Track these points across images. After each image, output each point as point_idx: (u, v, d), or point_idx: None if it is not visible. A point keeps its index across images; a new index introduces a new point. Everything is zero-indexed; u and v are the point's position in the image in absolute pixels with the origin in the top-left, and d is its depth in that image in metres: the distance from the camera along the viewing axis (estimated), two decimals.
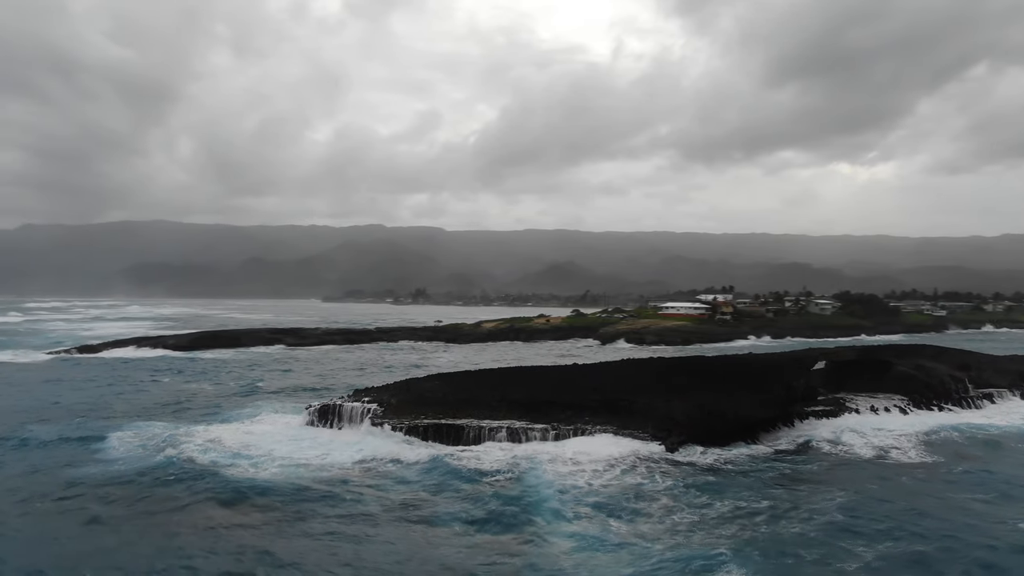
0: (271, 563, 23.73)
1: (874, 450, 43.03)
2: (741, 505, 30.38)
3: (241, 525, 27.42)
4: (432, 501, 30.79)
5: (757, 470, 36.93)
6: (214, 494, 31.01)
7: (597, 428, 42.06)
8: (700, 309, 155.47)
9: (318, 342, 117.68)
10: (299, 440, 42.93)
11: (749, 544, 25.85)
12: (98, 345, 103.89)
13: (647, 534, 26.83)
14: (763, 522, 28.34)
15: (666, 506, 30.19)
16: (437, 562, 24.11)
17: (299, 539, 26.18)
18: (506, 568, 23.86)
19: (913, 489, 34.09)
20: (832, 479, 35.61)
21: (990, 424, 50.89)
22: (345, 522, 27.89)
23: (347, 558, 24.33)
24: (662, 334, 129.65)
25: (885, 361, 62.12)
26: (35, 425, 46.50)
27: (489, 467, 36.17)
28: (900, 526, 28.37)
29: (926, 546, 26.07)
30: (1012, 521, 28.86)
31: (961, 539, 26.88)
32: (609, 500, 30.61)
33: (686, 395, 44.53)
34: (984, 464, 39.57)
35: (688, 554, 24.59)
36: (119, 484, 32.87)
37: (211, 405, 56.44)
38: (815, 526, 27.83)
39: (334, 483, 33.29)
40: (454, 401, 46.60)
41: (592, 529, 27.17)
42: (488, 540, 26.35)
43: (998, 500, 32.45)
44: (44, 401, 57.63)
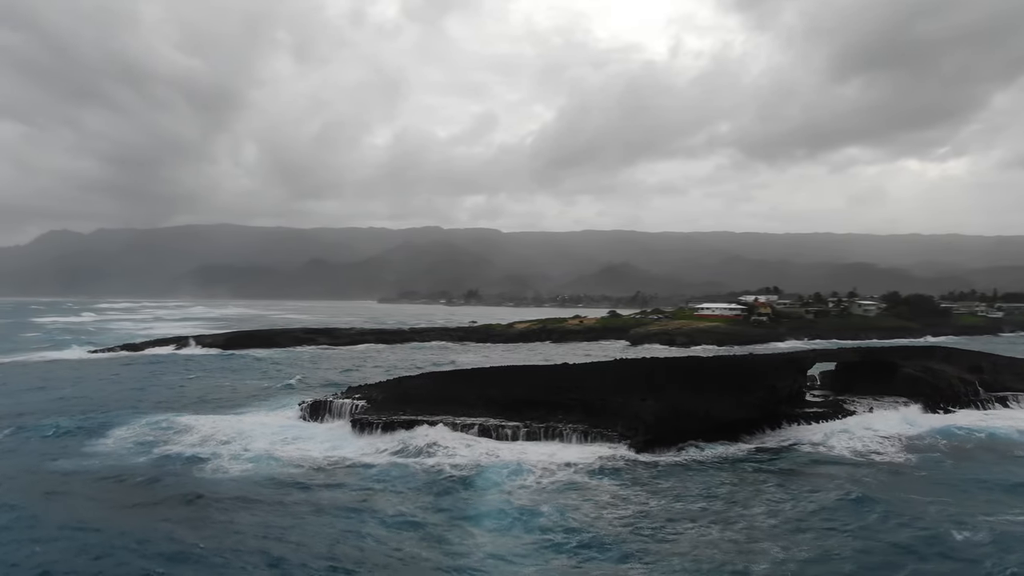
0: (176, 554, 24.79)
1: (853, 452, 42.40)
2: (676, 506, 30.42)
3: (179, 518, 28.78)
4: (378, 496, 31.78)
5: (714, 471, 36.87)
6: (175, 488, 32.60)
7: (569, 427, 42.65)
8: (735, 310, 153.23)
9: (350, 342, 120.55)
10: (284, 435, 44.48)
11: (661, 543, 26.13)
12: (141, 344, 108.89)
13: (564, 531, 27.37)
14: (692, 523, 28.40)
15: (602, 504, 30.45)
16: (350, 557, 24.89)
17: (222, 531, 27.13)
18: (417, 563, 24.77)
19: (870, 491, 33.67)
20: (787, 481, 35.33)
21: (987, 427, 49.47)
22: (279, 515, 28.81)
23: (256, 550, 25.07)
24: (693, 335, 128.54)
25: (891, 363, 60.87)
26: (46, 418, 49.57)
27: (449, 463, 37.13)
28: (824, 527, 28.39)
29: (840, 548, 25.98)
30: (942, 527, 28.27)
31: (882, 542, 26.77)
32: (549, 498, 30.97)
33: (662, 395, 44.70)
34: (955, 468, 38.78)
35: (597, 555, 25.03)
36: (88, 476, 34.90)
37: (221, 400, 58.96)
38: (738, 528, 27.80)
39: (294, 478, 34.56)
40: (435, 399, 47.77)
41: (518, 526, 27.69)
42: (412, 536, 26.98)
43: (950, 503, 31.91)
44: (66, 396, 61.18)
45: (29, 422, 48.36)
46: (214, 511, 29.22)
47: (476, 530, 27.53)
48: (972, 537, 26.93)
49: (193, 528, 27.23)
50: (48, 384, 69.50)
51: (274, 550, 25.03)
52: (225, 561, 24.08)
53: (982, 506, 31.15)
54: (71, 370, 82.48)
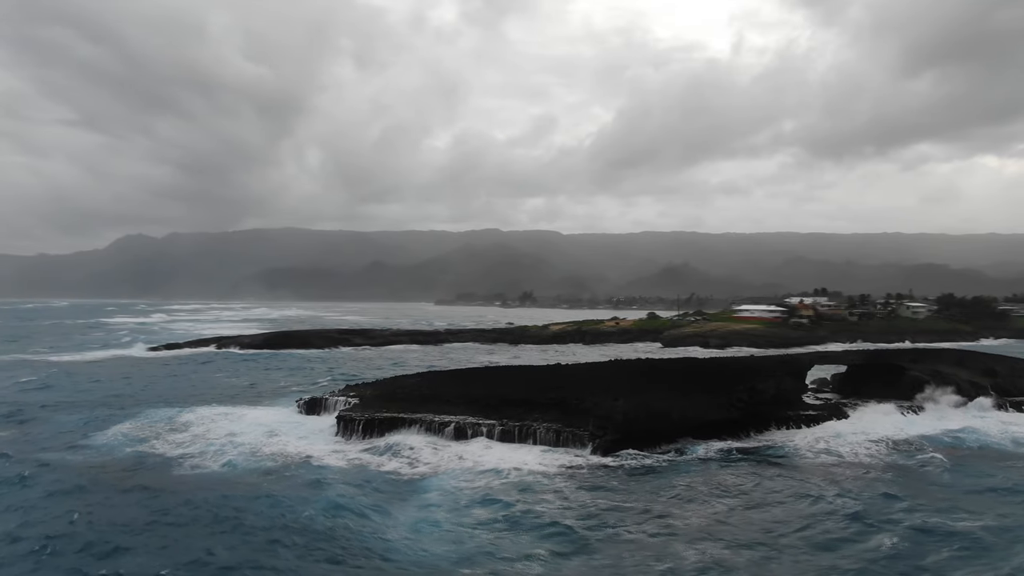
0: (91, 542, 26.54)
1: (831, 455, 42.02)
2: (616, 513, 30.19)
3: (126, 503, 30.71)
4: (321, 494, 32.24)
5: (672, 475, 36.70)
6: (140, 478, 34.77)
7: (543, 426, 43.32)
8: (775, 313, 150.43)
9: (384, 342, 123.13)
10: (276, 430, 46.19)
11: (582, 551, 26.12)
12: (183, 343, 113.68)
13: (489, 530, 28.19)
14: (624, 528, 28.49)
15: (536, 513, 30.05)
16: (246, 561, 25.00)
17: (152, 513, 29.14)
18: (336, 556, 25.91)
19: (828, 493, 33.45)
20: (745, 483, 35.17)
21: (985, 433, 48.18)
22: (211, 511, 29.70)
23: (169, 543, 26.24)
24: (728, 337, 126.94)
25: (898, 366, 59.65)
26: (59, 412, 52.92)
27: (408, 464, 38.10)
28: (757, 529, 28.56)
29: (769, 553, 25.99)
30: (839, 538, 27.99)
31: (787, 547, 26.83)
32: (493, 498, 31.49)
33: (636, 395, 45.10)
34: (923, 473, 38.15)
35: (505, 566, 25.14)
36: (68, 465, 37.19)
37: (230, 397, 61.40)
38: (649, 529, 28.04)
39: (256, 475, 35.70)
40: (420, 397, 49.11)
41: (441, 531, 27.94)
42: (326, 532, 27.58)
43: (901, 507, 31.52)
44: (89, 391, 64.87)
45: (43, 414, 51.72)
46: (163, 496, 31.19)
47: (396, 531, 28.07)
48: (898, 543, 26.73)
49: (128, 511, 29.32)
50: (87, 380, 73.50)
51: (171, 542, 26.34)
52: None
53: (930, 513, 30.58)
54: (116, 368, 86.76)
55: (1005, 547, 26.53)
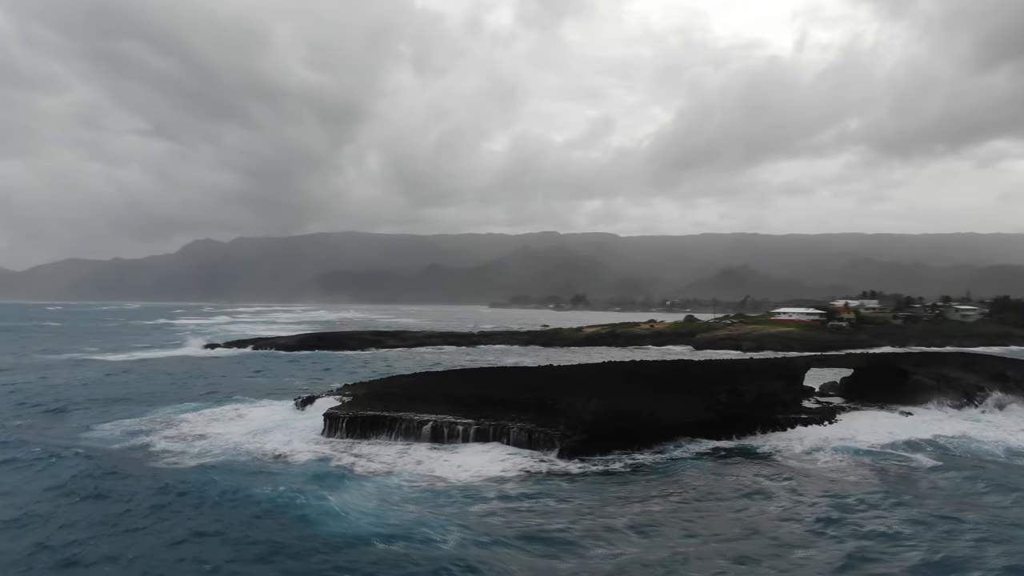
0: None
1: (805, 460, 41.58)
2: (554, 520, 29.72)
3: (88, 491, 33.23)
4: (269, 485, 33.78)
5: (626, 480, 36.77)
6: (120, 470, 37.01)
7: (517, 426, 44.14)
8: (813, 316, 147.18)
9: (417, 344, 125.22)
10: (266, 428, 48.52)
11: (488, 548, 26.41)
12: (222, 344, 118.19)
13: (410, 523, 29.25)
14: (540, 529, 28.43)
15: (473, 508, 30.67)
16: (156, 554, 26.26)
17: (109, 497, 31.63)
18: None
19: (783, 498, 33.47)
20: (694, 488, 34.91)
21: (977, 440, 46.95)
22: (160, 496, 31.96)
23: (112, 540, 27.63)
24: (761, 341, 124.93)
25: (902, 370, 58.49)
26: (73, 407, 56.31)
27: (366, 464, 39.29)
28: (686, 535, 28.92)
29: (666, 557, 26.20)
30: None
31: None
32: (425, 499, 32.23)
33: (611, 395, 45.56)
34: (890, 481, 37.60)
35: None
36: (58, 456, 39.78)
37: (242, 395, 63.95)
38: (571, 534, 28.05)
39: (223, 468, 37.23)
40: (406, 396, 50.43)
41: (356, 531, 28.26)
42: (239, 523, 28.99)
43: (843, 515, 31.34)
44: (120, 388, 68.58)
45: (60, 408, 55.21)
46: (127, 482, 33.50)
47: (322, 516, 29.49)
48: (816, 555, 26.68)
49: (84, 495, 31.92)
50: (124, 378, 77.75)
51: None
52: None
53: (876, 522, 30.27)
54: (155, 367, 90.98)
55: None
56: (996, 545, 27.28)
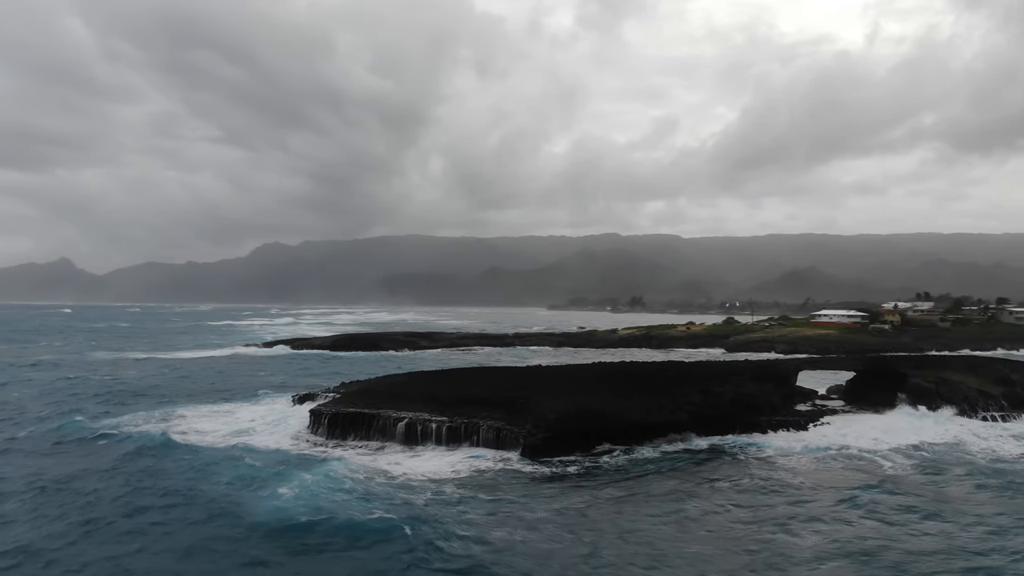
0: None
1: (769, 462, 41.42)
2: (487, 516, 30.61)
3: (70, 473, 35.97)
4: (228, 470, 36.70)
5: (569, 477, 37.49)
6: (98, 457, 40.18)
7: (487, 424, 45.27)
8: (854, 318, 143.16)
9: (449, 345, 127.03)
10: (261, 422, 51.32)
11: (407, 541, 27.41)
12: (261, 344, 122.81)
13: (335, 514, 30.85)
14: (463, 528, 28.97)
15: (400, 508, 31.11)
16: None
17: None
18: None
19: (728, 501, 33.75)
20: (648, 491, 35.19)
21: (965, 447, 45.92)
22: (133, 479, 35.14)
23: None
24: (796, 343, 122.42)
25: (900, 373, 57.34)
26: (87, 401, 60.13)
27: (323, 450, 41.37)
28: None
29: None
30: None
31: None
32: (364, 492, 33.27)
33: (580, 395, 46.28)
34: (850, 490, 37.36)
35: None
36: (62, 444, 43.43)
37: (251, 390, 67.13)
38: (493, 535, 28.55)
39: (200, 459, 39.85)
40: (391, 394, 52.10)
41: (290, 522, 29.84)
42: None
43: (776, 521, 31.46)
44: (149, 384, 72.71)
45: (77, 402, 59.03)
46: (104, 469, 36.21)
47: (263, 497, 31.78)
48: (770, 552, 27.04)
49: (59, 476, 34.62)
50: (151, 375, 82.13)
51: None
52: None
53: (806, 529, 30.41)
54: (194, 365, 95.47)
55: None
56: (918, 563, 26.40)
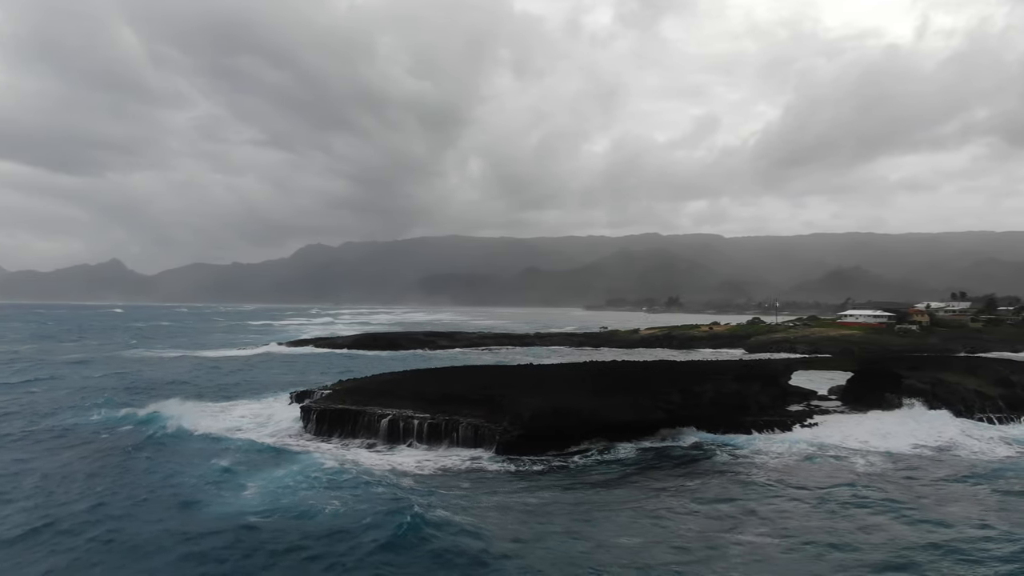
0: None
1: (738, 461, 41.34)
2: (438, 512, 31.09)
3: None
4: (205, 462, 38.36)
5: (532, 475, 37.88)
6: (93, 446, 42.01)
7: (466, 421, 45.98)
8: (880, 318, 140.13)
9: (469, 345, 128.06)
10: (253, 418, 52.98)
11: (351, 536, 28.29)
12: (286, 343, 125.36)
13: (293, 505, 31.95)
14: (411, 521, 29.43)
15: (360, 503, 31.89)
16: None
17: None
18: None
19: (663, 497, 34.00)
20: (601, 491, 35.42)
21: (950, 450, 45.24)
22: (112, 470, 36.94)
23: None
24: (817, 344, 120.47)
25: (894, 374, 56.52)
26: (100, 395, 62.46)
27: (311, 447, 42.55)
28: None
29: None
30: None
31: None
32: (324, 486, 34.52)
33: (554, 393, 46.69)
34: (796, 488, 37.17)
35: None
36: (62, 432, 45.74)
37: (262, 388, 69.03)
38: (429, 520, 29.44)
39: (180, 452, 41.82)
40: (380, 392, 53.11)
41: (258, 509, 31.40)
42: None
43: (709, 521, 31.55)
44: (167, 379, 75.21)
45: (95, 398, 61.44)
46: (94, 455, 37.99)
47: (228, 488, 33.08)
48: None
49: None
50: (173, 372, 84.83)
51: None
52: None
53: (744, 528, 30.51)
54: (221, 363, 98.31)
55: None
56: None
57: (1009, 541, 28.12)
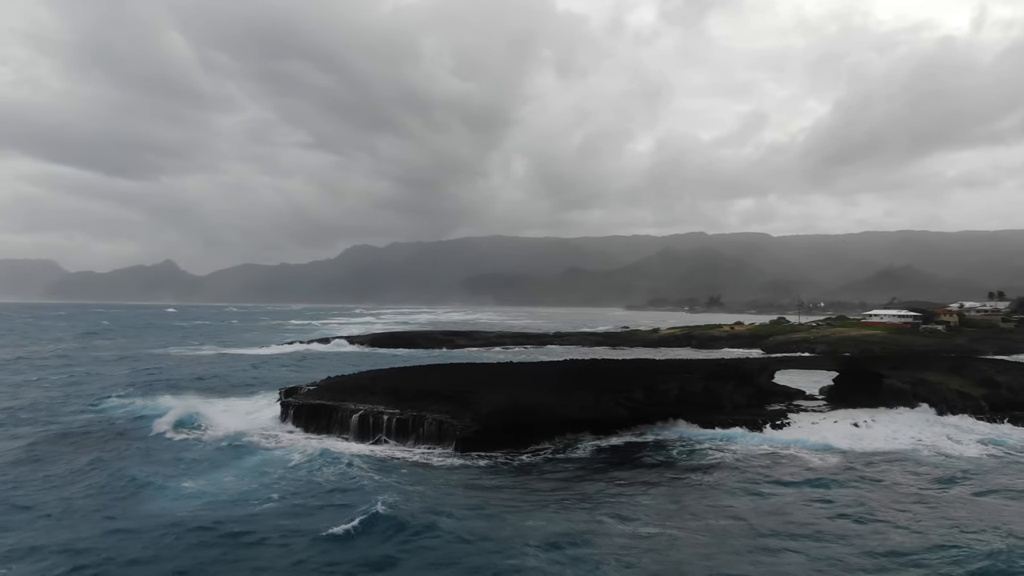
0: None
1: (690, 459, 41.58)
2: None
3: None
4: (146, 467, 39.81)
5: (468, 470, 38.73)
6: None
7: (431, 416, 46.91)
8: (905, 318, 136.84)
9: (487, 344, 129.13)
10: (243, 412, 55.14)
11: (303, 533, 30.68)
12: (308, 341, 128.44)
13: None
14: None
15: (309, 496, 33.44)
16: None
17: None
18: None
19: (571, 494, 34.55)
20: (531, 489, 35.61)
21: (913, 449, 44.81)
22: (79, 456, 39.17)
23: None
24: (836, 344, 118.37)
25: (876, 374, 55.94)
26: (111, 386, 65.44)
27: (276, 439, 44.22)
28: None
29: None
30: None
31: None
32: (262, 478, 36.56)
33: (522, 390, 47.51)
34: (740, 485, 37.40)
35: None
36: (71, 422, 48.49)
37: (262, 383, 71.49)
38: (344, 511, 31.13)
39: (142, 451, 43.77)
40: (358, 388, 54.54)
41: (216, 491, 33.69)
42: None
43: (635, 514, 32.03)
44: (187, 374, 78.16)
45: (102, 392, 64.42)
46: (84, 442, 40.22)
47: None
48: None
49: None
50: (189, 368, 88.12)
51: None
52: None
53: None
54: (248, 360, 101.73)
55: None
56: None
57: (952, 547, 27.51)
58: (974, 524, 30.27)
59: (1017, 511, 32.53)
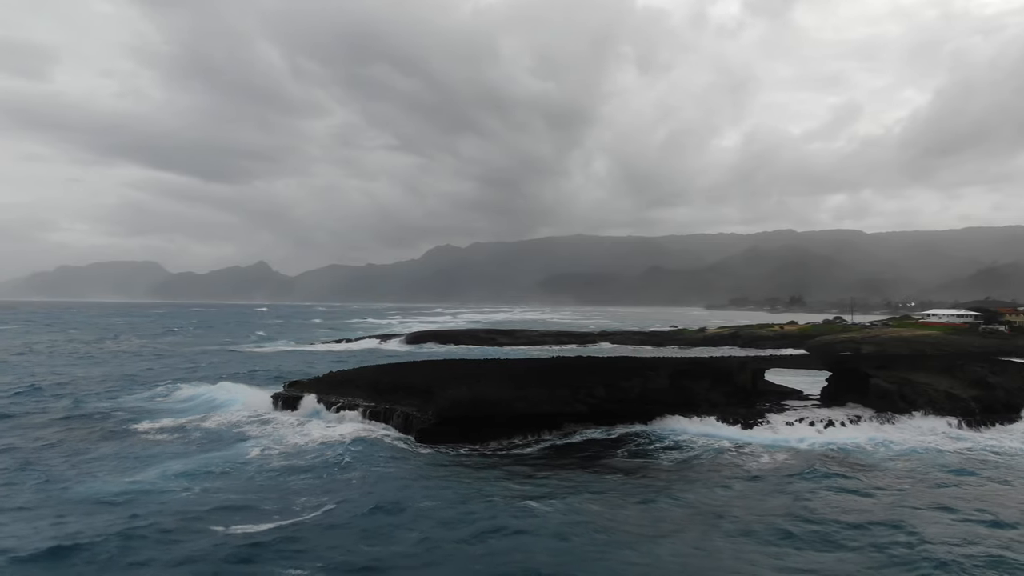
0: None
1: (638, 458, 41.85)
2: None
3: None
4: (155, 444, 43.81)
5: (407, 458, 40.25)
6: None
7: (400, 408, 49.06)
8: (966, 319, 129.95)
9: (528, 342, 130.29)
10: (242, 402, 58.73)
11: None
12: (354, 339, 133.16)
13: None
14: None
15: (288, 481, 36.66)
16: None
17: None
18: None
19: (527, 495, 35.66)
20: (473, 484, 36.38)
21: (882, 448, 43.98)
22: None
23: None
24: (885, 344, 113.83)
25: (863, 373, 54.69)
26: (131, 380, 70.39)
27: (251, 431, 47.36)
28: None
29: None
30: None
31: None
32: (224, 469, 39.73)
33: (488, 385, 48.93)
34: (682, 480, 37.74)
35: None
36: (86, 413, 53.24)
37: (283, 375, 75.33)
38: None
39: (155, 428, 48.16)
40: (341, 382, 57.32)
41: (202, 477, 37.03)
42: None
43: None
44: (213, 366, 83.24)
45: (134, 381, 69.51)
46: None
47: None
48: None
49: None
50: (233, 362, 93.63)
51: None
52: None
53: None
54: (291, 356, 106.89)
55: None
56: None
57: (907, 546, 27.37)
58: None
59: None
